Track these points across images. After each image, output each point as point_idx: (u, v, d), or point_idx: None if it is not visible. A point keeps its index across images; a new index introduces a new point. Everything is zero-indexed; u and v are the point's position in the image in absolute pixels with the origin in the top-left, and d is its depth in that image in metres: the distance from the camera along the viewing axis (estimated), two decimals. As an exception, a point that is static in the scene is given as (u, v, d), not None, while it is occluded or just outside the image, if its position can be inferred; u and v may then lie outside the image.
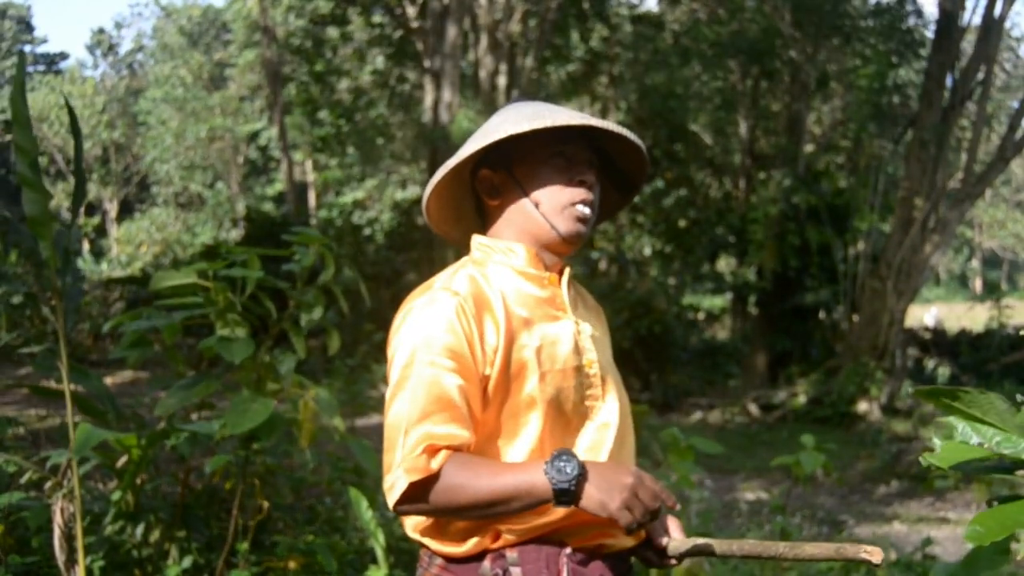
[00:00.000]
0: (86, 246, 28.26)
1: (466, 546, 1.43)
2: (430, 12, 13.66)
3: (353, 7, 16.06)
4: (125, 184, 32.80)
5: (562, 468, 1.31)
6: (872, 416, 11.25)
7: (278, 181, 26.64)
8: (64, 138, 28.75)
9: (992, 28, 11.32)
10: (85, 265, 20.61)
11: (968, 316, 17.87)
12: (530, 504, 1.34)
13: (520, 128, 1.45)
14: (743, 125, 15.84)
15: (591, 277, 15.81)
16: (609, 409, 1.52)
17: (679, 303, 16.83)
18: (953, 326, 17.49)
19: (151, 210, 30.59)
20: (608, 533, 1.46)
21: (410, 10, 14.92)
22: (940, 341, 15.42)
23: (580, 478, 1.31)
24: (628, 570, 1.55)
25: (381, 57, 17.53)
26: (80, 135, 2.67)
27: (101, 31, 39.07)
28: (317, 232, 3.07)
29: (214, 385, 2.65)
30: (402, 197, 20.20)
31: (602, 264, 17.68)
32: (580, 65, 17.12)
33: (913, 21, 14.48)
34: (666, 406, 12.81)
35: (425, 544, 1.48)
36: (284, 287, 2.86)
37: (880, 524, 6.69)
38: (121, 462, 2.82)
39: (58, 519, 2.47)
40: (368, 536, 3.18)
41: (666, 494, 1.34)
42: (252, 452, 2.83)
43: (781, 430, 11.17)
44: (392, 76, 17.68)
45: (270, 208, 24.15)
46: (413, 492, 1.35)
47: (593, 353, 1.52)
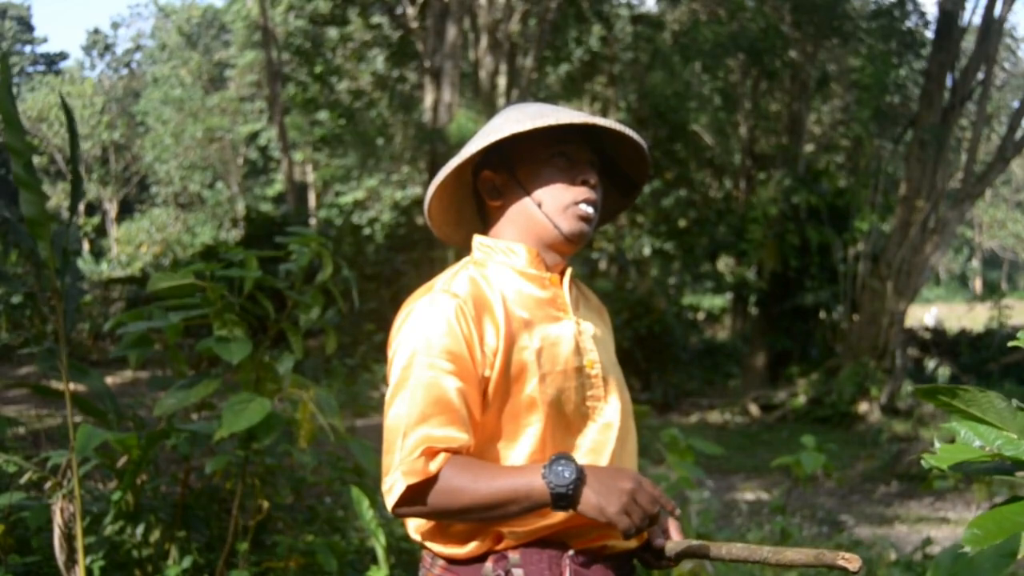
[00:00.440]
0: (86, 246, 28.28)
1: (468, 548, 1.43)
2: (430, 12, 13.66)
3: (353, 7, 16.05)
4: (125, 184, 32.81)
5: (560, 472, 1.31)
6: (872, 416, 11.24)
7: (278, 181, 26.66)
8: (64, 138, 28.76)
9: (992, 28, 11.32)
10: (85, 265, 20.62)
11: (968, 316, 17.88)
12: (528, 508, 1.34)
13: (521, 127, 1.44)
14: (743, 125, 15.84)
15: (591, 277, 15.80)
16: (611, 410, 1.51)
17: (679, 303, 16.84)
18: (953, 326, 17.49)
19: (151, 210, 30.63)
20: (611, 535, 1.46)
21: (410, 10, 14.92)
22: (940, 341, 15.42)
23: (578, 482, 1.31)
24: (631, 572, 1.55)
25: (381, 57, 17.53)
26: (76, 135, 2.66)
27: (96, 31, 39.01)
28: (314, 232, 3.07)
29: (213, 385, 2.65)
30: (402, 197, 20.20)
31: (602, 264, 17.68)
32: (579, 65, 17.12)
33: (913, 21, 14.48)
34: (666, 406, 12.81)
35: (427, 546, 1.47)
36: (282, 287, 2.85)
37: (880, 524, 6.69)
38: (121, 462, 2.82)
39: (58, 519, 2.47)
40: (369, 536, 3.18)
41: (665, 499, 1.34)
42: (252, 452, 2.82)
43: (781, 430, 11.17)
44: (392, 76, 17.68)
45: (270, 208, 24.16)
46: (411, 494, 1.35)
47: (595, 354, 1.52)
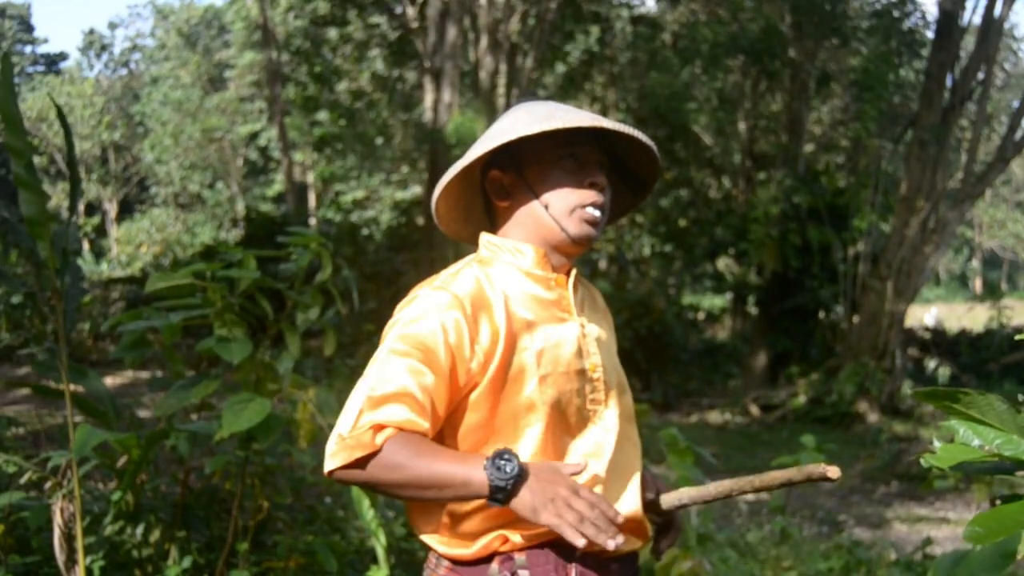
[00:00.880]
0: (86, 246, 28.26)
1: (474, 548, 1.42)
2: (430, 12, 13.66)
3: (352, 7, 16.05)
4: (125, 184, 32.81)
5: (502, 467, 1.30)
6: (872, 416, 11.24)
7: (277, 181, 26.66)
8: (64, 138, 28.75)
9: (992, 28, 11.32)
10: (85, 265, 20.61)
11: (968, 316, 17.86)
12: (464, 496, 1.33)
13: (531, 130, 1.44)
14: (743, 125, 15.83)
15: (591, 277, 15.81)
16: (612, 413, 1.51)
17: (679, 303, 16.83)
18: (953, 326, 17.47)
19: (151, 210, 30.61)
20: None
21: (410, 10, 14.92)
22: (940, 341, 15.41)
23: (518, 479, 1.30)
24: (636, 573, 1.55)
25: (380, 58, 17.53)
26: (70, 134, 2.65)
27: (91, 32, 38.97)
28: (314, 232, 3.06)
29: (213, 385, 2.65)
30: (402, 197, 20.20)
31: (602, 264, 17.68)
32: (578, 65, 17.11)
33: (913, 21, 14.48)
34: (666, 406, 12.81)
35: (432, 546, 1.47)
36: (281, 287, 2.85)
37: (880, 524, 6.69)
38: (121, 462, 2.82)
39: (58, 519, 2.47)
40: (369, 536, 3.18)
41: (606, 505, 1.31)
42: (252, 452, 2.82)
43: (781, 430, 11.16)
44: (392, 76, 17.68)
45: (270, 208, 24.16)
46: (352, 463, 1.34)
47: (598, 356, 1.52)
